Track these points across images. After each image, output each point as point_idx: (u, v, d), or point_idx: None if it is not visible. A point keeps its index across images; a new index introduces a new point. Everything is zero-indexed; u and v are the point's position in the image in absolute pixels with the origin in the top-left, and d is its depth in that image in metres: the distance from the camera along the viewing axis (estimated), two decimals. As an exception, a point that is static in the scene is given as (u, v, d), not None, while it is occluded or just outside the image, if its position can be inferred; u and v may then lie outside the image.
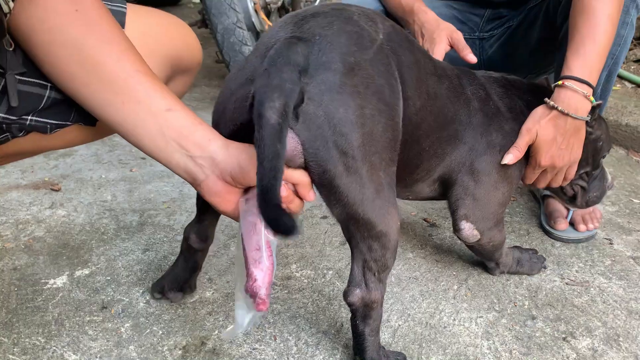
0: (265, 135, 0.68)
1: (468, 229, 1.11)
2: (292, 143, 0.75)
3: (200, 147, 0.78)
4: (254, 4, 2.28)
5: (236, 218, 0.82)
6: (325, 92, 0.74)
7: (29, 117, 0.80)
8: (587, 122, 1.12)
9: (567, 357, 1.02)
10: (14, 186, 1.55)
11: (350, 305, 0.89)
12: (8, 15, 0.64)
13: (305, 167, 0.78)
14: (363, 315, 0.90)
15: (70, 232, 1.34)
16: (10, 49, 0.73)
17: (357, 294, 0.88)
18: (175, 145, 0.78)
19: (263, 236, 0.79)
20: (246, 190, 0.82)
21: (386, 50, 0.84)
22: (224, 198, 0.81)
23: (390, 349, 1.00)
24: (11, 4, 0.61)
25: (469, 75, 1.13)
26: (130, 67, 0.76)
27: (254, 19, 2.27)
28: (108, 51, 0.76)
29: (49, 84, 0.79)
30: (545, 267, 1.29)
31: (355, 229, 0.83)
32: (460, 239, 1.15)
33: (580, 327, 1.11)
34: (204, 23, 2.33)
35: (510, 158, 1.08)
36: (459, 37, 1.31)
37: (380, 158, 0.81)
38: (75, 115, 0.85)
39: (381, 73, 0.81)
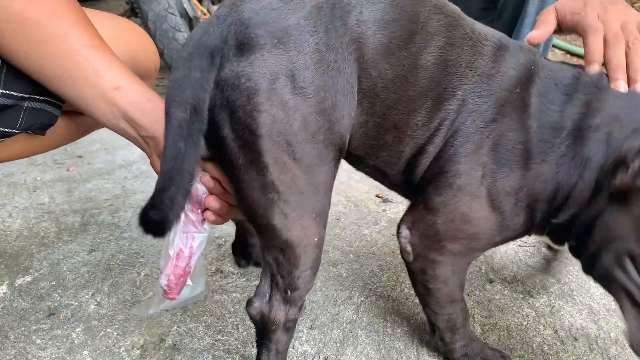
0: (167, 133, 0.64)
1: (403, 238, 0.83)
2: None
3: (145, 128, 0.76)
4: (185, -11, 2.20)
5: None
6: (246, 64, 0.64)
7: None
8: None
9: (527, 316, 1.04)
10: (-62, 196, 1.44)
11: (250, 317, 0.79)
12: None
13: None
14: (261, 334, 0.79)
15: (6, 239, 1.26)
16: None
17: (255, 307, 0.77)
18: (126, 123, 0.76)
19: (179, 226, 0.77)
20: None
21: (326, 10, 0.68)
22: None
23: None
24: None
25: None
26: (78, 42, 0.72)
27: (186, 4, 2.20)
28: (53, 26, 0.71)
29: None
30: None
31: (260, 235, 0.72)
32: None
33: (536, 285, 1.13)
34: (133, 12, 2.23)
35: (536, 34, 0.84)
36: None
37: (302, 151, 0.66)
38: (23, 121, 0.79)
39: (310, 42, 0.66)
